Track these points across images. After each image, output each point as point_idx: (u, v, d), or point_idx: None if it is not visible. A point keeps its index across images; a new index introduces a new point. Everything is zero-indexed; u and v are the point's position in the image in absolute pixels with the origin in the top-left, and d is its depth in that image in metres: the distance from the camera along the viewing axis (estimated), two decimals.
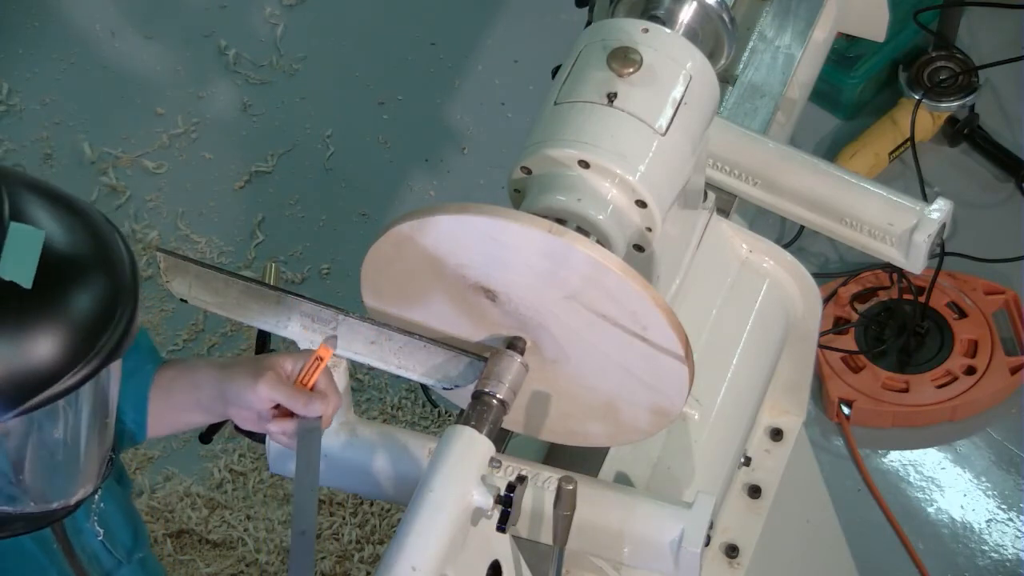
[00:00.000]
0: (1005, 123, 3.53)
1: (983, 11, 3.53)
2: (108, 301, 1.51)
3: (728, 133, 2.11)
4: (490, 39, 3.87)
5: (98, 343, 1.49)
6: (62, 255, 1.49)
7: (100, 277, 1.52)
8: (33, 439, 1.55)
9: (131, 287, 1.53)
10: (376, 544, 3.07)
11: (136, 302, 1.54)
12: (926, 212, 2.04)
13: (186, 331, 3.39)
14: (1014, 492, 3.06)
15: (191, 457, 3.21)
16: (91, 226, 1.54)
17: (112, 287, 1.52)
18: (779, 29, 2.25)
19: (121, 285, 1.53)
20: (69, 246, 1.50)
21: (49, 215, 1.50)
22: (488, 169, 3.58)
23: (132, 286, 1.54)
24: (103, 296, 1.51)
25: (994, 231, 3.35)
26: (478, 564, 1.74)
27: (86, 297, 1.49)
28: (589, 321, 1.71)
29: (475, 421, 1.71)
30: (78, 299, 1.49)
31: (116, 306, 1.52)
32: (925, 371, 3.15)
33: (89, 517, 1.85)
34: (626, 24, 1.81)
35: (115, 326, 1.50)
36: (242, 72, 3.84)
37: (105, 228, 1.55)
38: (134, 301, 1.53)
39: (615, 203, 1.75)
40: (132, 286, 1.54)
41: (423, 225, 1.71)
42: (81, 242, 1.52)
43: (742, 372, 2.07)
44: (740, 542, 2.15)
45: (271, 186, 3.65)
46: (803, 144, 2.42)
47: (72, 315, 1.48)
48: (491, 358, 1.76)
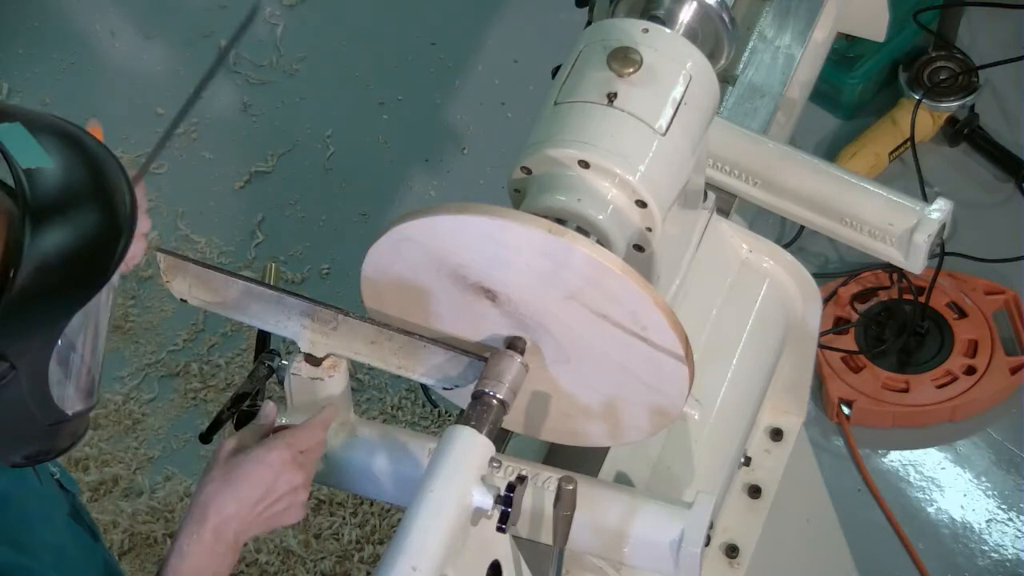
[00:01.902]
0: (1005, 123, 3.53)
1: (983, 11, 3.53)
2: (126, 182, 1.59)
3: (728, 133, 2.11)
4: (490, 39, 3.87)
5: (134, 219, 1.57)
6: (93, 153, 1.58)
7: (116, 164, 1.60)
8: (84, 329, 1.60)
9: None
10: (376, 544, 3.07)
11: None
12: (926, 212, 2.04)
13: (186, 331, 3.39)
14: (1014, 492, 3.06)
15: (191, 457, 3.21)
16: (86, 137, 1.62)
17: (123, 172, 1.60)
18: (779, 29, 2.25)
19: (125, 173, 1.61)
20: (93, 149, 1.59)
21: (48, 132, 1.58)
22: (488, 169, 3.58)
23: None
24: (123, 178, 1.59)
25: (994, 231, 3.35)
26: (478, 564, 1.74)
27: (122, 182, 1.57)
28: (589, 321, 1.71)
29: (475, 421, 1.71)
30: (115, 182, 1.57)
31: (134, 200, 1.59)
32: (925, 371, 3.15)
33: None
34: (626, 24, 1.81)
35: (135, 213, 1.58)
36: (242, 72, 3.84)
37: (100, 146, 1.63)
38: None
39: (615, 203, 1.75)
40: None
41: (423, 225, 1.71)
42: (90, 140, 1.61)
43: (742, 372, 2.07)
44: (740, 542, 2.15)
45: (271, 186, 3.65)
46: (803, 144, 2.42)
47: (111, 192, 1.56)
48: (491, 358, 1.76)
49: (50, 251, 1.48)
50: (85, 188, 1.54)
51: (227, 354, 3.37)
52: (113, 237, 1.54)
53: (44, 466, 1.77)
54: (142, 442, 3.27)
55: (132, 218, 1.56)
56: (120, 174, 1.58)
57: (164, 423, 3.29)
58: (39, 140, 1.54)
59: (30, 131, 1.54)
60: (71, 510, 1.80)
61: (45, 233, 1.49)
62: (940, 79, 3.46)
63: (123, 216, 1.55)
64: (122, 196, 1.56)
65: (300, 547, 3.07)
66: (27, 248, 1.47)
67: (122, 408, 3.31)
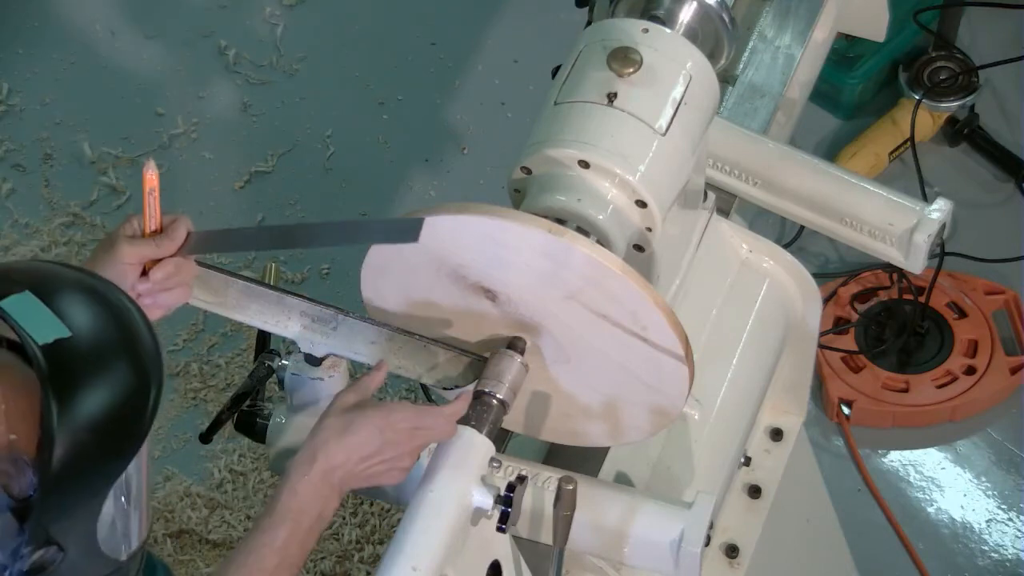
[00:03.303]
0: (1005, 123, 3.52)
1: (983, 11, 3.52)
2: (147, 328, 1.55)
3: (728, 133, 2.11)
4: (490, 39, 3.86)
5: (161, 364, 1.52)
6: (112, 307, 1.52)
7: (135, 311, 1.55)
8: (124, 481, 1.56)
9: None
10: (376, 544, 3.07)
11: None
12: (926, 212, 2.04)
13: (186, 331, 3.39)
14: (1014, 492, 3.06)
15: (191, 457, 3.21)
16: (105, 287, 1.57)
17: (143, 317, 1.56)
18: (779, 29, 2.25)
19: (144, 318, 1.57)
20: (111, 302, 1.54)
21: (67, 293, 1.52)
22: (488, 169, 3.58)
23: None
24: (145, 326, 1.55)
25: (994, 231, 3.34)
26: (478, 564, 1.74)
27: (144, 333, 1.53)
28: (589, 321, 1.71)
29: (475, 421, 1.71)
30: (139, 335, 1.52)
31: (151, 327, 1.56)
32: (925, 371, 3.15)
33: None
34: (626, 24, 1.81)
35: (161, 362, 1.54)
36: (242, 72, 3.84)
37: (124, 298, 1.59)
38: None
39: (615, 203, 1.75)
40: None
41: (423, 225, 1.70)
42: (117, 299, 1.55)
43: (742, 372, 2.07)
44: (740, 542, 2.15)
45: (271, 186, 3.65)
46: (803, 144, 2.42)
47: (139, 348, 1.51)
48: (491, 358, 1.76)
49: (82, 423, 1.44)
50: (109, 348, 1.49)
51: (227, 354, 3.37)
52: (143, 393, 1.50)
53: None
54: None
55: (159, 367, 1.52)
56: (141, 321, 1.54)
57: (164, 423, 3.29)
58: (54, 302, 1.47)
59: (42, 294, 1.47)
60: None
61: (74, 406, 1.44)
62: (940, 79, 3.45)
63: (151, 368, 1.51)
64: (147, 347, 1.52)
65: None
66: (57, 426, 1.43)
67: None
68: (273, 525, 1.68)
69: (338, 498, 1.72)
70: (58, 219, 3.57)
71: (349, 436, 1.70)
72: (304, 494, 1.69)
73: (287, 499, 1.69)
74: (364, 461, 1.70)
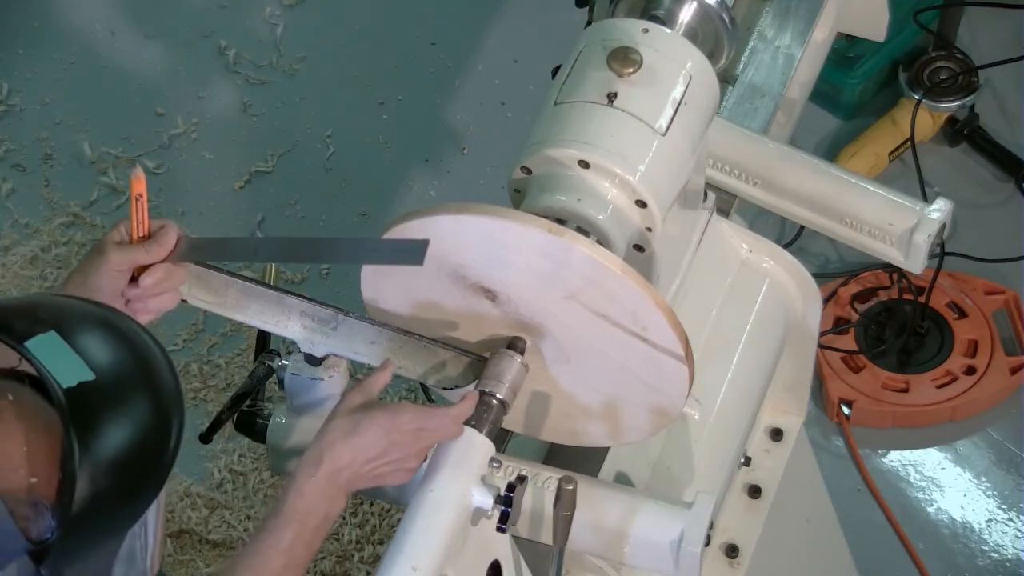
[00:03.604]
0: (1005, 123, 3.52)
1: (983, 11, 3.52)
2: (174, 374, 1.55)
3: (728, 133, 2.11)
4: (490, 39, 3.86)
5: (181, 402, 1.53)
6: (134, 348, 1.52)
7: (162, 358, 1.55)
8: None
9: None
10: (376, 544, 3.07)
11: None
12: (926, 212, 2.04)
13: (186, 331, 3.39)
14: (1014, 492, 3.06)
15: (191, 457, 3.21)
16: (128, 327, 1.56)
17: (163, 353, 1.56)
18: (779, 29, 2.25)
19: (165, 354, 1.57)
20: (133, 342, 1.53)
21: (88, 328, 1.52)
22: (488, 169, 3.57)
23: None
24: (170, 368, 1.54)
25: (994, 231, 3.34)
26: (478, 564, 1.74)
27: (166, 373, 1.52)
28: (589, 321, 1.71)
29: (475, 421, 1.71)
30: (160, 376, 1.51)
31: (171, 365, 1.55)
32: (925, 371, 3.15)
33: None
34: (626, 24, 1.81)
35: (178, 387, 1.54)
36: (242, 72, 3.84)
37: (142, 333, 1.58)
38: None
39: (615, 203, 1.75)
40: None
41: (423, 225, 1.70)
42: (140, 338, 1.54)
43: (742, 372, 2.07)
44: (740, 542, 2.15)
45: (271, 186, 3.65)
46: (803, 144, 2.42)
47: (160, 389, 1.51)
48: (491, 358, 1.76)
49: (103, 465, 1.44)
50: (131, 389, 1.48)
51: (227, 354, 3.37)
52: (164, 433, 1.50)
53: None
54: None
55: (180, 407, 1.52)
56: (163, 361, 1.53)
57: None
58: (77, 341, 1.47)
59: (66, 334, 1.47)
60: None
61: (96, 448, 1.44)
62: (940, 79, 3.45)
63: (172, 408, 1.51)
64: (167, 387, 1.51)
65: None
66: (79, 468, 1.42)
67: None
68: (279, 526, 1.69)
69: (344, 499, 1.72)
70: (58, 219, 3.57)
71: (355, 438, 1.69)
72: (310, 495, 1.69)
73: (293, 500, 1.69)
74: (370, 462, 1.70)
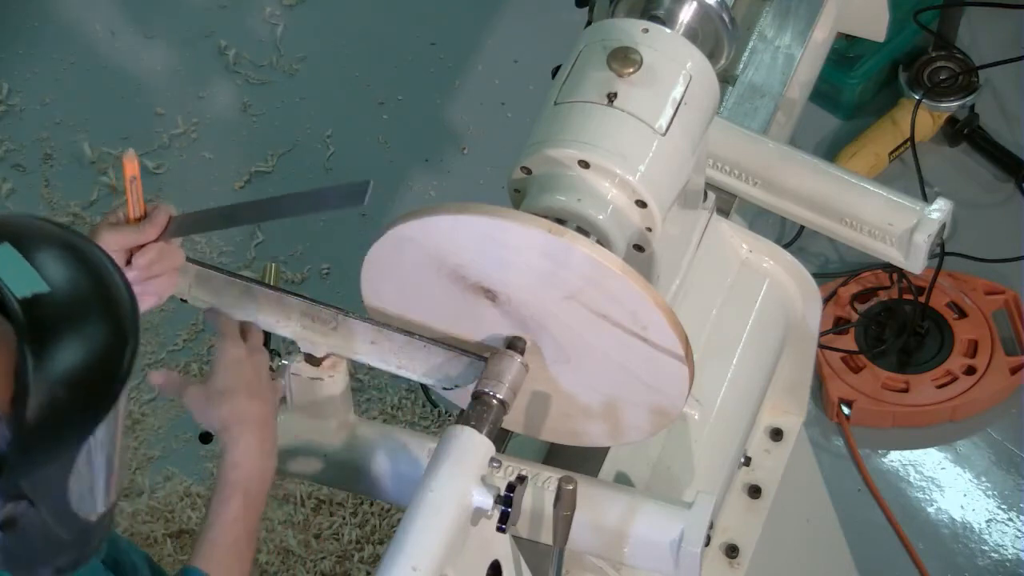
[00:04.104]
0: (1005, 123, 3.53)
1: (983, 11, 3.52)
2: (125, 287, 1.55)
3: (728, 133, 2.11)
4: (490, 39, 3.86)
5: (136, 324, 1.52)
6: (91, 265, 1.52)
7: (113, 268, 1.55)
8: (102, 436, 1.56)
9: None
10: (376, 544, 3.07)
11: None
12: (926, 212, 2.04)
13: (186, 331, 3.39)
14: (1014, 492, 3.06)
15: (191, 457, 3.21)
16: (89, 250, 1.56)
17: (120, 275, 1.56)
18: (779, 29, 2.25)
19: (123, 276, 1.56)
20: (90, 259, 1.53)
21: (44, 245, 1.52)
22: (488, 169, 3.57)
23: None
24: (122, 284, 1.54)
25: (994, 231, 3.35)
26: (478, 564, 1.74)
27: (123, 292, 1.52)
28: (589, 321, 1.71)
29: (475, 421, 1.71)
30: (116, 293, 1.52)
31: (136, 306, 1.55)
32: (925, 371, 3.15)
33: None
34: (626, 24, 1.81)
35: (137, 320, 1.54)
36: (242, 72, 3.84)
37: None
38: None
39: (615, 203, 1.75)
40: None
41: (423, 225, 1.71)
42: (97, 257, 1.54)
43: (742, 372, 2.07)
44: (740, 542, 2.15)
45: (271, 186, 3.65)
46: (803, 144, 2.42)
47: (116, 306, 1.51)
48: (491, 358, 1.76)
49: (57, 377, 1.43)
50: (87, 304, 1.48)
51: None
52: (119, 350, 1.49)
53: None
54: (142, 442, 3.27)
55: (136, 327, 1.51)
56: (119, 279, 1.53)
57: (164, 423, 3.29)
58: (34, 256, 1.46)
59: (23, 248, 1.46)
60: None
61: (50, 360, 1.43)
62: (940, 79, 3.46)
63: (128, 326, 1.50)
64: (124, 305, 1.51)
65: (300, 547, 3.07)
66: (33, 380, 1.42)
67: None
68: (226, 500, 1.78)
69: (273, 451, 1.82)
70: (58, 219, 3.56)
71: (230, 398, 1.80)
72: (245, 464, 1.79)
73: (231, 473, 1.79)
74: (252, 400, 1.80)
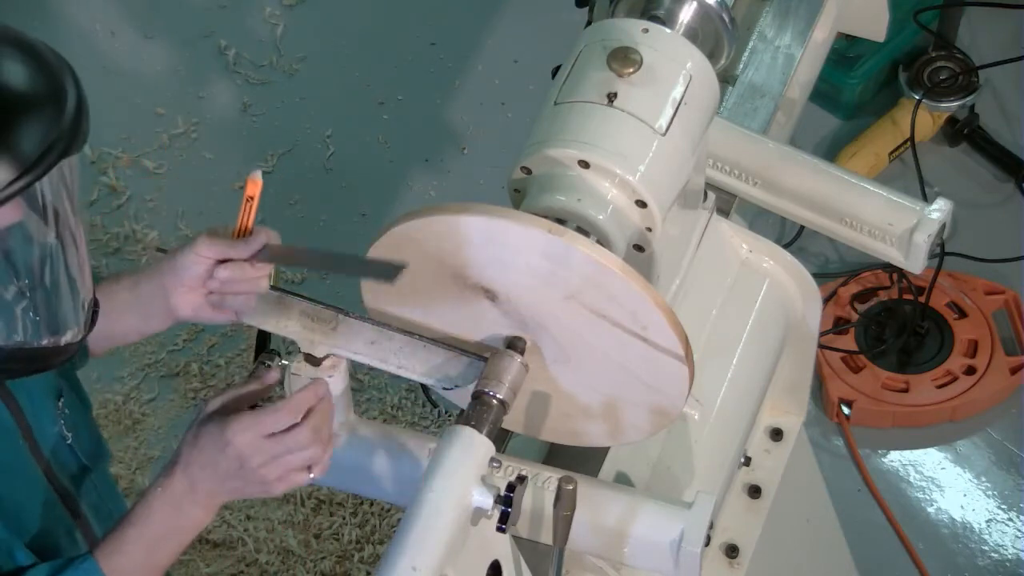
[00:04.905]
0: (1005, 123, 3.53)
1: (983, 11, 3.53)
2: (74, 80, 1.65)
3: (728, 133, 2.11)
4: (490, 39, 3.87)
5: (79, 119, 1.62)
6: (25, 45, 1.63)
7: (63, 64, 1.66)
8: (23, 255, 1.62)
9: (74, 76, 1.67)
10: (376, 544, 3.07)
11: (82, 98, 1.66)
12: (926, 212, 2.04)
13: (186, 331, 3.39)
14: (1014, 492, 3.06)
15: None
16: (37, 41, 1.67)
17: (72, 73, 1.65)
18: (779, 29, 2.25)
19: (74, 74, 1.66)
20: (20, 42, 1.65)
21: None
22: (488, 169, 3.58)
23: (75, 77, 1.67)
24: (71, 75, 1.65)
25: (994, 231, 3.35)
26: (478, 564, 1.74)
27: (62, 74, 1.63)
28: (589, 321, 1.71)
29: (475, 421, 1.71)
30: (57, 74, 1.63)
31: (64, 91, 1.64)
32: (925, 371, 3.15)
33: (56, 421, 1.86)
34: (626, 24, 1.81)
35: (68, 115, 1.62)
36: (242, 72, 3.84)
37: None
38: (79, 91, 1.66)
39: (615, 203, 1.75)
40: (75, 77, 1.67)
41: (423, 225, 1.71)
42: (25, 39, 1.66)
43: (742, 372, 2.07)
44: (740, 542, 2.15)
45: (271, 186, 3.62)
46: (803, 144, 2.42)
47: (31, 93, 1.62)
48: (491, 358, 1.76)
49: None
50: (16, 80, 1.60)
51: (227, 354, 3.37)
52: (53, 121, 1.60)
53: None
54: (142, 442, 3.27)
55: (79, 115, 1.61)
56: (68, 72, 1.62)
57: (164, 423, 3.29)
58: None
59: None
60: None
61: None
62: (940, 79, 3.46)
63: (59, 109, 1.59)
64: (65, 92, 1.61)
65: (300, 547, 3.07)
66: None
67: (122, 408, 3.31)
68: (125, 526, 1.73)
69: (205, 511, 1.74)
70: None
71: (197, 454, 1.71)
72: (156, 509, 1.72)
73: (140, 509, 1.73)
74: (223, 480, 1.71)
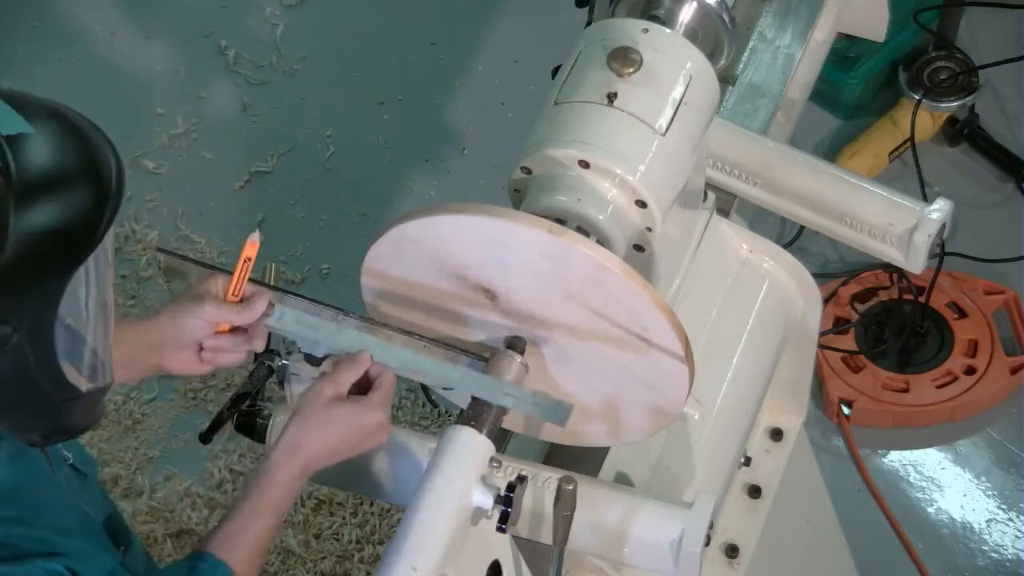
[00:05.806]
0: (1005, 123, 3.53)
1: (983, 11, 3.53)
2: (112, 151, 1.60)
3: (728, 133, 2.11)
4: (490, 39, 3.86)
5: (120, 190, 1.58)
6: (71, 123, 1.57)
7: (100, 134, 1.59)
8: (82, 305, 1.61)
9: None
10: (376, 544, 3.07)
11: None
12: (926, 212, 2.04)
13: None
14: (1014, 492, 3.06)
15: (191, 457, 3.21)
16: (68, 111, 1.61)
17: (108, 142, 1.60)
18: (779, 29, 2.25)
19: (111, 143, 1.61)
20: (72, 118, 1.59)
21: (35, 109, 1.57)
22: (488, 169, 3.58)
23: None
24: (109, 147, 1.59)
25: (994, 231, 3.35)
26: (478, 564, 1.74)
27: (103, 148, 1.57)
28: (589, 321, 1.71)
29: (475, 421, 1.71)
30: (97, 148, 1.57)
31: (121, 171, 1.59)
32: (925, 371, 3.15)
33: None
34: (626, 24, 1.81)
35: (121, 184, 1.58)
36: (242, 72, 3.84)
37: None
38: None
39: (615, 203, 1.75)
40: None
41: (423, 225, 1.71)
42: (73, 113, 1.60)
43: (742, 372, 2.07)
44: (740, 542, 2.15)
45: (271, 186, 3.65)
46: (803, 144, 2.42)
47: (97, 162, 1.56)
48: (491, 358, 1.76)
49: (37, 224, 1.50)
50: (70, 159, 1.55)
51: None
52: (99, 205, 1.55)
53: (57, 451, 1.79)
54: (142, 442, 3.27)
55: (119, 186, 1.57)
56: (106, 143, 1.59)
57: (164, 423, 3.29)
58: (22, 113, 1.53)
59: (10, 104, 1.53)
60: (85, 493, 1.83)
61: (32, 207, 1.50)
62: (940, 79, 3.45)
63: (109, 184, 1.56)
64: (108, 165, 1.57)
65: (300, 547, 3.07)
66: (13, 222, 1.49)
67: (122, 408, 3.31)
68: (255, 513, 1.76)
69: (304, 484, 1.81)
70: None
71: (327, 432, 1.76)
72: (286, 487, 1.77)
73: (272, 492, 1.76)
74: (336, 455, 1.78)
